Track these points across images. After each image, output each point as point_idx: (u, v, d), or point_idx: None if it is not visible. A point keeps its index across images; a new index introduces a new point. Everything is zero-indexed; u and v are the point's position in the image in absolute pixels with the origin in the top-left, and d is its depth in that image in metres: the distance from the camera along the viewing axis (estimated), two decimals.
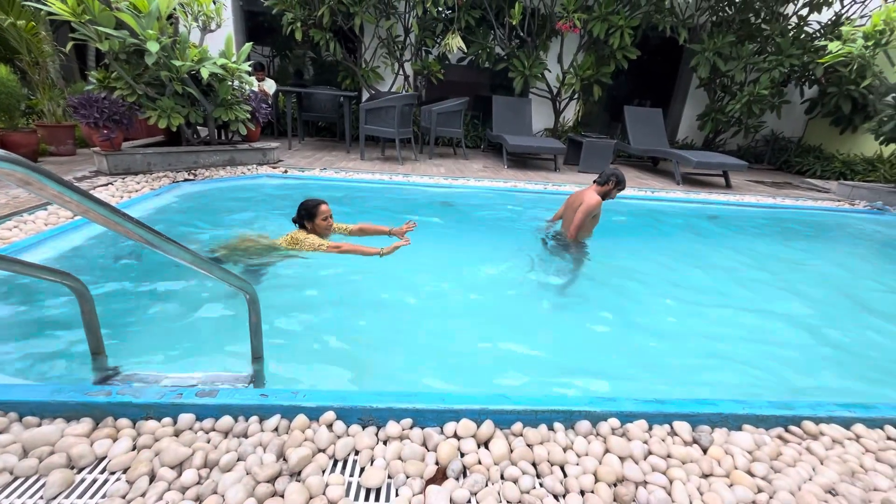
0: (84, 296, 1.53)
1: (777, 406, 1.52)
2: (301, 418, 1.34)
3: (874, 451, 1.42)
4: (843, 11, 7.44)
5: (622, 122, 7.52)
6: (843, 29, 5.61)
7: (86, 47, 6.07)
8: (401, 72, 7.60)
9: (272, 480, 1.15)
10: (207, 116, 4.53)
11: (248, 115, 4.70)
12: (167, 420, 1.32)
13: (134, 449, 1.22)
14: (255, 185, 4.52)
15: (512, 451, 1.30)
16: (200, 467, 1.17)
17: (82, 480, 1.13)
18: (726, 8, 7.39)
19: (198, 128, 4.88)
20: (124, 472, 1.16)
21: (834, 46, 5.53)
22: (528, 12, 7.15)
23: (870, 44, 5.26)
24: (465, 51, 7.14)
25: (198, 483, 1.13)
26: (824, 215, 5.39)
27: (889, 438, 1.49)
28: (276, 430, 1.32)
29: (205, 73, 3.96)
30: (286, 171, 4.85)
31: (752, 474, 1.28)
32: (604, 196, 3.25)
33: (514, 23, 6.86)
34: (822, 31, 7.46)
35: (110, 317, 2.02)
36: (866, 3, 7.30)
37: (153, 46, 3.61)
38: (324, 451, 1.26)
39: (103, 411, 1.32)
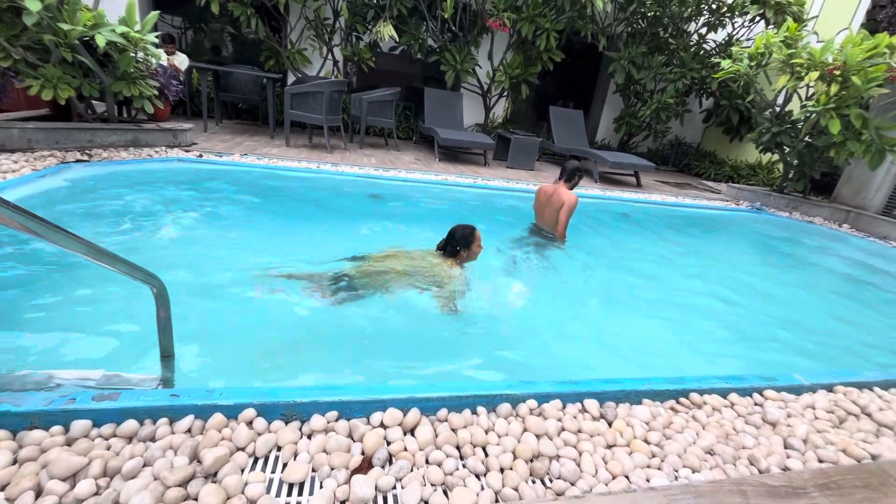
0: None
1: (670, 381, 1.72)
2: (217, 417, 1.27)
3: (744, 415, 1.67)
4: (734, 33, 8.41)
5: (548, 122, 7.91)
6: (733, 49, 6.36)
7: None
8: (330, 56, 7.33)
9: (184, 484, 1.08)
10: (105, 90, 4.04)
11: (156, 92, 4.26)
12: (57, 428, 1.18)
13: (15, 463, 1.09)
14: (164, 169, 4.12)
15: (437, 436, 1.34)
16: (99, 476, 1.07)
17: None
18: (640, 20, 8.02)
19: (93, 102, 4.34)
20: (2, 489, 1.02)
21: (726, 64, 6.24)
22: (459, 7, 7.22)
23: (753, 64, 6.01)
24: (397, 40, 7.05)
25: (95, 493, 1.03)
26: (715, 213, 6.11)
27: (756, 404, 1.75)
28: (188, 431, 1.24)
29: (100, 41, 3.52)
30: (201, 156, 4.48)
31: (647, 442, 1.44)
32: (573, 188, 3.60)
33: (446, 16, 6.90)
34: (717, 49, 8.38)
35: None
36: (752, 27, 8.32)
37: (33, 5, 3.14)
38: (243, 449, 1.21)
39: None
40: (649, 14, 7.70)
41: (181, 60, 6.07)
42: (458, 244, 2.58)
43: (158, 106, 4.38)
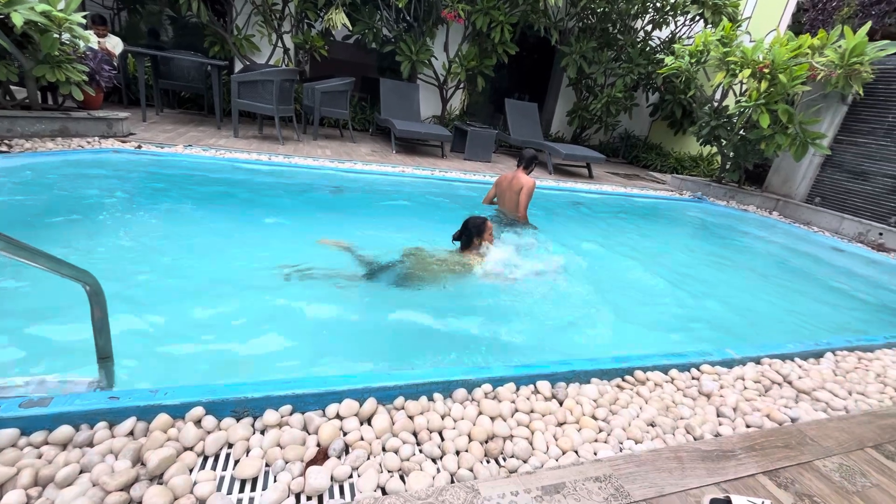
0: None
1: (616, 360, 1.82)
2: (163, 418, 1.22)
3: (683, 389, 1.79)
4: (676, 31, 8.83)
5: (504, 114, 8.01)
6: (675, 46, 6.69)
7: None
8: (280, 44, 7.05)
9: (127, 488, 1.04)
10: (25, 74, 3.70)
11: (85, 78, 3.94)
12: None
13: None
14: (98, 161, 3.83)
15: (394, 423, 1.35)
16: (29, 486, 1.00)
17: None
18: (590, 16, 8.25)
19: (12, 88, 3.96)
20: None
21: (669, 60, 6.56)
22: None
23: (693, 61, 6.36)
24: (350, 28, 6.89)
25: None
26: (661, 202, 6.45)
27: (693, 378, 1.89)
28: (131, 433, 1.19)
29: (17, 20, 3.22)
30: (140, 147, 4.20)
31: (595, 418, 1.52)
32: (529, 174, 3.93)
33: (400, 5, 6.80)
34: (661, 46, 8.78)
35: None
36: (692, 26, 8.77)
37: None
38: (191, 448, 1.17)
39: None
40: (599, 10, 7.93)
41: (114, 44, 5.63)
42: (472, 234, 2.88)
43: (89, 93, 4.06)
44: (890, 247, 5.18)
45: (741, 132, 6.31)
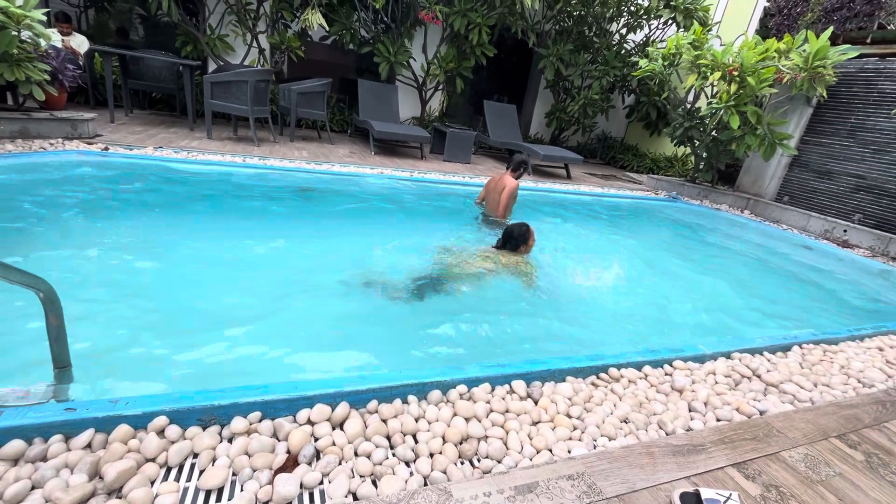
0: None
1: (591, 358, 1.83)
2: (123, 428, 1.17)
3: (656, 385, 1.82)
4: (650, 34, 9.02)
5: (483, 116, 8.04)
6: (649, 49, 6.83)
7: None
8: (255, 44, 6.92)
9: (83, 503, 0.99)
10: None
11: (47, 77, 3.79)
12: None
13: None
14: (61, 163, 3.68)
15: (367, 427, 1.33)
16: None
17: None
18: (566, 19, 8.36)
19: None
20: None
21: (643, 63, 6.69)
22: None
23: (666, 63, 6.50)
24: (327, 29, 6.81)
25: None
26: (637, 202, 6.57)
27: (666, 374, 1.92)
28: (88, 446, 1.14)
29: None
30: (107, 149, 4.06)
31: (569, 416, 1.53)
32: (517, 179, 3.96)
33: (377, 6, 6.76)
34: (636, 49, 8.96)
35: None
36: (665, 30, 8.97)
37: None
38: (153, 460, 1.13)
39: None
40: (575, 13, 8.04)
41: (79, 42, 5.45)
42: (518, 241, 2.96)
43: (52, 92, 3.90)
44: (853, 243, 5.39)
45: (713, 133, 6.48)
